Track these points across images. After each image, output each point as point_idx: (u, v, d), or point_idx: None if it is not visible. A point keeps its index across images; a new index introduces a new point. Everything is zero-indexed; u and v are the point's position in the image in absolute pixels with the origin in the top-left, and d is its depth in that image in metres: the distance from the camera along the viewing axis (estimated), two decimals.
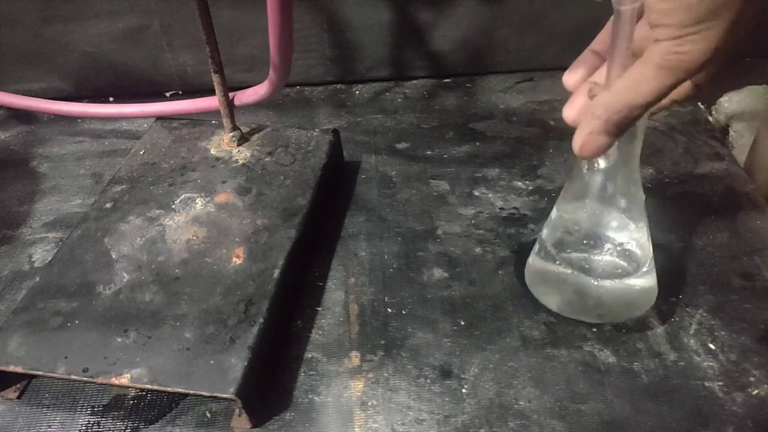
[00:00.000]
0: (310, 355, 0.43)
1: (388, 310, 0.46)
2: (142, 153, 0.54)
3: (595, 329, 0.44)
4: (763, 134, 0.57)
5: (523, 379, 0.41)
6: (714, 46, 0.27)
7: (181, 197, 0.49)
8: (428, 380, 0.41)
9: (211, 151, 0.53)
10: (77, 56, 0.65)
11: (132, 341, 0.39)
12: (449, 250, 0.50)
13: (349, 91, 0.69)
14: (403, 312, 0.46)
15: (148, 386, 0.37)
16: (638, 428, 0.39)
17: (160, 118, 0.58)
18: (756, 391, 0.40)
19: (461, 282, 0.48)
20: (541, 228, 0.45)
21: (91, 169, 0.60)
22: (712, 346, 0.43)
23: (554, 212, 0.43)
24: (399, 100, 0.68)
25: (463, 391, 0.41)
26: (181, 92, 0.69)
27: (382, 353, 0.43)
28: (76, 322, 0.40)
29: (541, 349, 0.43)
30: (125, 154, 0.54)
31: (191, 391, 0.37)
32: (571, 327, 0.44)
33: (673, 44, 0.28)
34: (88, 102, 0.61)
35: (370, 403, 0.40)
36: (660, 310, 0.45)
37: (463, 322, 0.45)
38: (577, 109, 0.35)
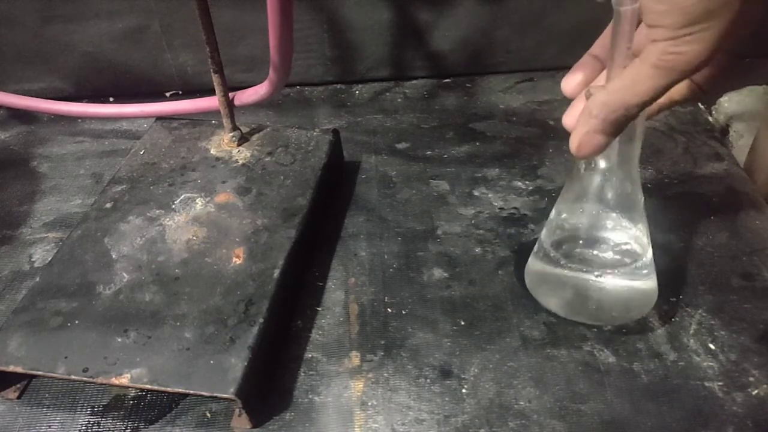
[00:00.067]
0: (310, 355, 0.43)
1: (388, 310, 0.46)
2: (142, 153, 0.54)
3: (595, 329, 0.44)
4: (763, 134, 0.57)
5: (523, 379, 0.41)
6: (710, 47, 0.27)
7: (181, 197, 0.49)
8: (428, 380, 0.41)
9: (211, 151, 0.53)
10: (77, 56, 0.65)
11: (132, 341, 0.39)
12: (449, 250, 0.50)
13: (349, 91, 0.69)
14: (403, 312, 0.46)
15: (148, 386, 0.37)
16: (638, 428, 0.39)
17: (160, 118, 0.58)
18: (756, 391, 0.40)
19: (461, 282, 0.48)
20: (542, 229, 0.45)
21: (91, 169, 0.60)
22: (712, 346, 0.43)
23: (554, 213, 0.43)
24: (399, 100, 0.68)
25: (463, 391, 0.41)
26: (181, 92, 0.69)
27: (382, 353, 0.43)
28: (76, 322, 0.40)
29: (541, 349, 0.43)
30: (125, 154, 0.54)
31: (191, 391, 0.37)
32: (571, 327, 0.44)
33: (669, 45, 0.28)
34: (88, 102, 0.61)
35: (370, 403, 0.40)
36: (660, 310, 0.45)
37: (463, 322, 0.45)
38: (577, 117, 0.35)
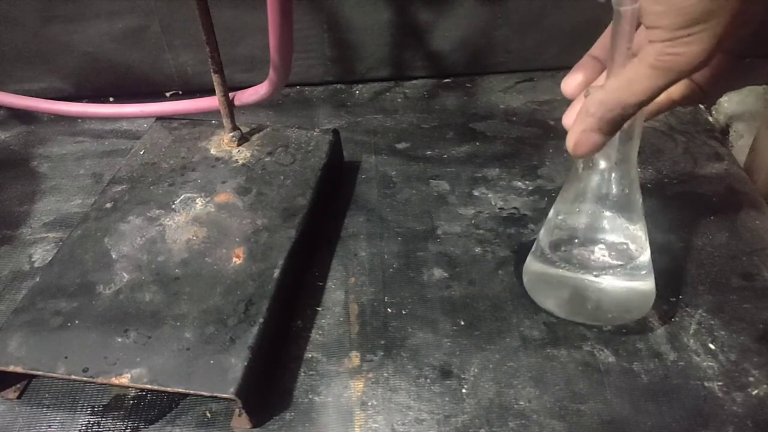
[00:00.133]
0: (310, 355, 0.43)
1: (388, 310, 0.46)
2: (142, 153, 0.54)
3: (595, 329, 0.44)
4: (763, 134, 0.57)
5: (523, 379, 0.41)
6: (708, 49, 0.27)
7: (181, 197, 0.49)
8: (428, 380, 0.41)
9: (211, 151, 0.53)
10: (77, 56, 0.65)
11: (132, 341, 0.39)
12: (449, 250, 0.50)
13: (349, 91, 0.69)
14: (403, 312, 0.46)
15: (148, 386, 0.37)
16: (638, 428, 0.39)
17: (160, 118, 0.58)
18: (756, 391, 0.40)
19: (461, 282, 0.48)
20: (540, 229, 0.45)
21: (91, 169, 0.60)
22: (712, 346, 0.43)
23: (552, 213, 0.43)
24: (399, 100, 0.68)
25: (463, 391, 0.41)
26: (181, 92, 0.69)
27: (382, 353, 0.43)
28: (76, 322, 0.40)
29: (541, 349, 0.43)
30: (125, 154, 0.54)
31: (191, 391, 0.37)
32: (571, 327, 0.44)
33: (667, 46, 0.28)
34: (88, 102, 0.61)
35: (370, 403, 0.40)
36: (660, 310, 0.45)
37: (463, 322, 0.45)
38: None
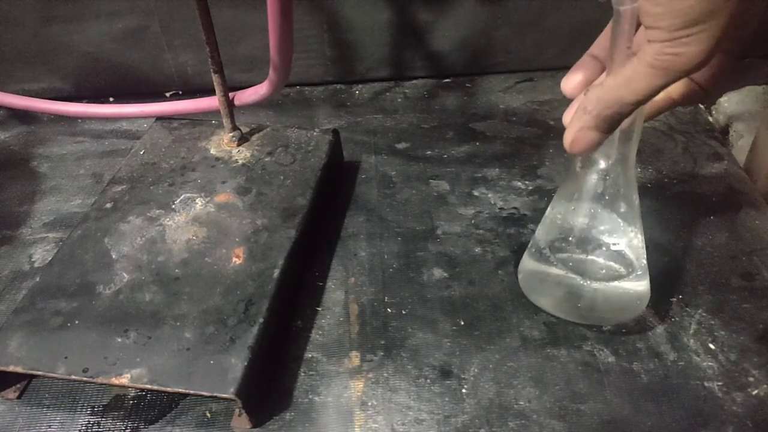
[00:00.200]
0: (310, 355, 0.43)
1: (388, 310, 0.46)
2: (142, 153, 0.54)
3: (594, 329, 0.44)
4: (763, 134, 0.57)
5: (523, 379, 0.41)
6: (707, 49, 0.27)
7: (181, 197, 0.49)
8: (428, 380, 0.42)
9: (211, 151, 0.53)
10: (77, 56, 0.65)
11: (132, 341, 0.39)
12: (449, 250, 0.50)
13: (349, 91, 0.69)
14: (403, 312, 0.46)
15: (148, 386, 0.37)
16: (638, 428, 0.39)
17: (160, 118, 0.57)
18: (756, 391, 0.40)
19: (461, 282, 0.48)
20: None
21: (91, 169, 0.60)
22: (712, 346, 0.43)
23: (549, 211, 0.43)
24: (399, 100, 0.68)
25: (463, 391, 0.41)
26: (181, 92, 0.69)
27: (382, 353, 0.43)
28: (76, 322, 0.40)
29: (541, 349, 0.43)
30: (125, 154, 0.54)
31: (191, 391, 0.37)
32: (571, 327, 0.44)
33: (665, 46, 0.28)
34: (88, 102, 0.61)
35: (370, 403, 0.40)
36: (660, 310, 0.45)
37: (462, 322, 0.45)
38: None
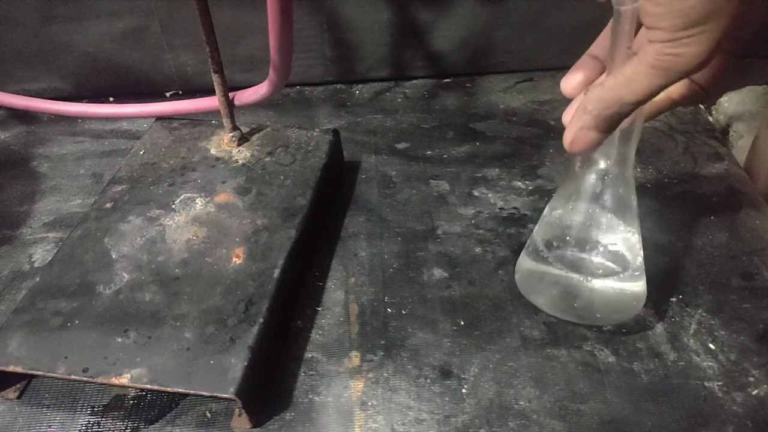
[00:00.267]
0: (310, 355, 0.43)
1: (388, 310, 0.46)
2: (142, 153, 0.54)
3: (595, 329, 0.44)
4: (763, 134, 0.57)
5: (523, 379, 0.41)
6: (707, 50, 0.27)
7: (181, 197, 0.49)
8: (428, 380, 0.41)
9: (211, 151, 0.53)
10: (77, 56, 0.65)
11: (132, 341, 0.39)
12: (449, 250, 0.50)
13: (349, 91, 0.69)
14: (403, 312, 0.46)
15: (148, 386, 0.37)
16: (638, 428, 0.39)
17: (160, 118, 0.57)
18: (756, 391, 0.40)
19: (461, 282, 0.48)
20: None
21: (91, 169, 0.60)
22: (712, 346, 0.43)
23: (547, 210, 0.43)
24: (399, 100, 0.68)
25: (463, 391, 0.41)
26: (181, 92, 0.69)
27: (382, 353, 0.43)
28: (76, 322, 0.40)
29: (541, 349, 0.43)
30: (125, 154, 0.54)
31: (191, 391, 0.37)
32: (571, 327, 0.44)
33: (666, 46, 0.28)
34: (88, 102, 0.61)
35: (370, 403, 0.40)
36: (660, 310, 0.45)
37: (463, 322, 0.45)
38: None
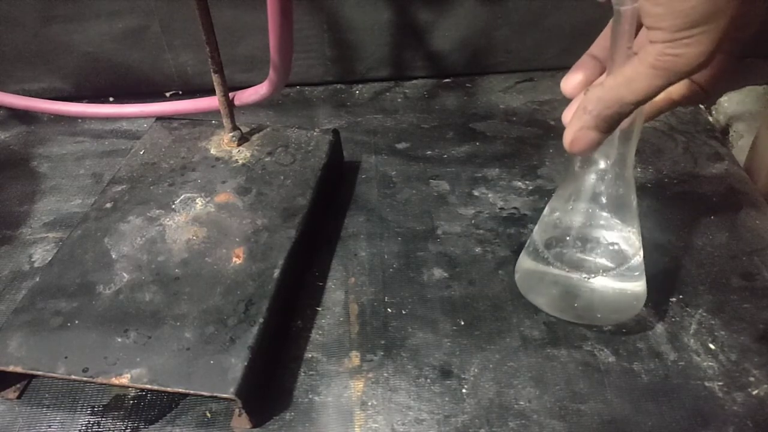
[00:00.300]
0: (310, 355, 0.43)
1: (388, 310, 0.46)
2: (142, 153, 0.54)
3: (595, 329, 0.44)
4: (763, 134, 0.57)
5: (523, 379, 0.41)
6: (708, 50, 0.27)
7: (181, 197, 0.49)
8: (428, 380, 0.41)
9: (211, 151, 0.53)
10: (77, 56, 0.65)
11: (132, 341, 0.39)
12: (449, 250, 0.50)
13: (349, 91, 0.69)
14: (403, 312, 0.46)
15: (148, 386, 0.37)
16: (638, 428, 0.39)
17: (160, 118, 0.57)
18: (756, 391, 0.40)
19: (461, 282, 0.48)
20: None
21: (91, 169, 0.60)
22: (712, 346, 0.43)
23: (547, 210, 0.43)
24: (399, 100, 0.68)
25: (463, 391, 0.41)
26: (181, 92, 0.69)
27: (382, 353, 0.43)
28: (76, 322, 0.40)
29: (541, 349, 0.43)
30: (125, 154, 0.54)
31: (191, 391, 0.37)
32: (571, 327, 0.44)
33: (666, 47, 0.28)
34: (88, 102, 0.61)
35: (370, 403, 0.40)
36: (660, 310, 0.45)
37: (463, 322, 0.45)
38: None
